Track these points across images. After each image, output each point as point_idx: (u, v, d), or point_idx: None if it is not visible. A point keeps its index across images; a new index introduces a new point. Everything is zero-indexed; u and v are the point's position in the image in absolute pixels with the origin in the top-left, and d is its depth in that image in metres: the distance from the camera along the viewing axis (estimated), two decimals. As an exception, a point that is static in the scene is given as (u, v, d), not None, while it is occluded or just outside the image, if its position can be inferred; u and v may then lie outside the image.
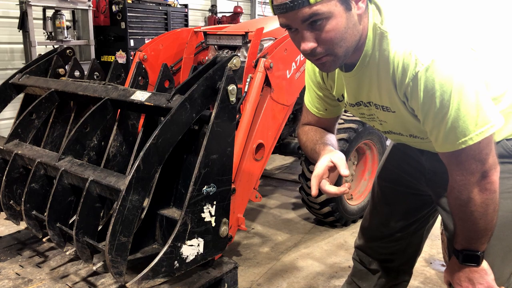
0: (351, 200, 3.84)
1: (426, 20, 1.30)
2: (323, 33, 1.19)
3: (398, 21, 1.28)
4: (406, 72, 1.21)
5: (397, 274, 1.84)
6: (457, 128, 1.19)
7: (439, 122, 1.21)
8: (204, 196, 1.46)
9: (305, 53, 1.24)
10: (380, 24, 1.26)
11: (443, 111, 1.19)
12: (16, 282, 1.62)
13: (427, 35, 1.23)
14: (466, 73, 1.17)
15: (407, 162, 1.70)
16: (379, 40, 1.27)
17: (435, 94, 1.17)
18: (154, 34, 6.28)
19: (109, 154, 1.79)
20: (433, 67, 1.16)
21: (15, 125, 1.89)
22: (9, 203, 1.79)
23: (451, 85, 1.16)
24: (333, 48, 1.22)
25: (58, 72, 2.15)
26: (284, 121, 2.96)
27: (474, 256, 1.34)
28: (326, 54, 1.23)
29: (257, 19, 8.61)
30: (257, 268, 3.12)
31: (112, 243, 1.31)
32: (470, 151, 1.22)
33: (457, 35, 1.25)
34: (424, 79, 1.17)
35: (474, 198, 1.26)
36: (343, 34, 1.20)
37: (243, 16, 10.14)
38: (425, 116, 1.24)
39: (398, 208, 1.75)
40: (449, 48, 1.19)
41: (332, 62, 1.26)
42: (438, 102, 1.18)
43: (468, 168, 1.24)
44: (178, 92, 1.53)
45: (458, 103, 1.17)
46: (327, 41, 1.20)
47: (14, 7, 5.41)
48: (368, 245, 1.85)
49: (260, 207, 4.21)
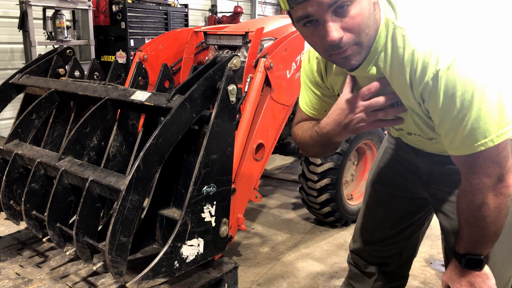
0: (351, 200, 3.84)
1: (444, 17, 1.24)
2: (349, 19, 1.10)
3: (415, 17, 1.22)
4: (425, 70, 1.14)
5: (393, 277, 1.83)
6: (477, 129, 1.14)
7: (458, 124, 1.15)
8: (204, 196, 1.46)
9: (333, 44, 1.12)
10: (394, 20, 1.20)
11: (463, 112, 1.13)
12: (16, 282, 1.62)
13: (448, 32, 1.17)
14: (488, 72, 1.12)
15: (401, 165, 1.68)
16: (392, 36, 1.20)
17: (456, 94, 1.11)
18: (154, 34, 6.28)
19: (109, 154, 1.79)
20: (455, 66, 1.10)
21: (15, 125, 1.89)
22: (9, 203, 1.79)
23: (474, 85, 1.10)
24: (360, 35, 1.13)
25: (58, 72, 2.15)
26: (284, 121, 2.96)
27: (477, 260, 1.32)
28: (352, 45, 1.14)
29: (257, 19, 8.60)
30: (257, 268, 3.12)
31: (112, 243, 1.31)
32: (489, 154, 1.17)
33: (477, 32, 1.21)
34: (445, 78, 1.11)
35: (488, 202, 1.22)
36: (367, 20, 1.13)
37: (243, 16, 10.14)
38: (442, 118, 1.18)
39: (393, 212, 1.73)
40: (471, 46, 1.14)
41: (357, 53, 1.17)
42: (458, 102, 1.12)
43: (485, 171, 1.20)
44: (178, 92, 1.53)
45: (480, 103, 1.11)
46: (354, 27, 1.11)
47: (14, 7, 5.41)
48: (363, 248, 1.82)
49: (260, 207, 4.21)
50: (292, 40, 2.96)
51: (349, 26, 1.11)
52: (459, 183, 1.34)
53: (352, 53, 1.17)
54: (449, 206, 1.52)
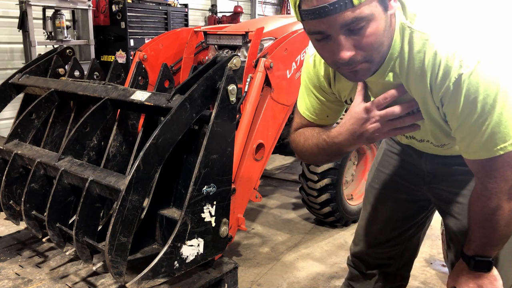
0: (351, 200, 3.83)
1: (464, 20, 1.22)
2: (363, 38, 1.07)
3: (434, 20, 1.18)
4: (447, 74, 1.12)
5: (394, 278, 1.82)
6: (497, 133, 1.13)
7: (478, 128, 1.14)
8: (204, 196, 1.46)
9: (342, 62, 1.10)
10: (410, 24, 1.17)
11: (484, 116, 1.12)
12: (16, 282, 1.62)
13: (470, 35, 1.15)
14: (509, 75, 1.11)
15: (403, 167, 1.67)
16: (409, 41, 1.17)
17: (478, 98, 1.10)
18: (154, 34, 6.27)
19: (109, 154, 1.79)
20: (478, 70, 1.09)
21: (15, 125, 1.88)
22: (9, 203, 1.79)
23: (497, 88, 1.09)
24: (372, 54, 1.11)
25: (58, 72, 2.15)
26: (284, 121, 2.96)
27: (486, 262, 1.31)
28: (362, 62, 1.12)
29: (257, 19, 8.60)
30: (257, 268, 3.12)
31: (112, 243, 1.31)
32: (508, 158, 1.16)
33: (498, 35, 1.20)
34: (468, 82, 1.10)
35: (503, 206, 1.22)
36: (382, 38, 1.10)
37: (243, 16, 10.14)
38: (461, 122, 1.17)
39: (395, 214, 1.72)
40: (493, 49, 1.13)
41: (366, 70, 1.16)
42: (479, 106, 1.11)
43: (502, 175, 1.19)
44: (178, 92, 1.53)
45: (502, 107, 1.10)
46: (367, 46, 1.09)
47: (14, 7, 5.41)
48: (365, 251, 1.81)
49: (260, 207, 4.21)
50: (292, 40, 2.96)
51: (362, 45, 1.09)
52: (465, 183, 1.34)
53: (362, 69, 1.15)
54: (455, 207, 1.51)
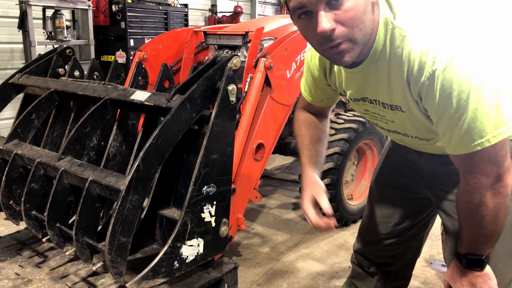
0: (351, 200, 3.83)
1: (442, 17, 1.25)
2: (343, 12, 1.11)
3: (413, 17, 1.23)
4: (422, 70, 1.16)
5: (396, 277, 1.83)
6: (473, 129, 1.14)
7: (455, 123, 1.16)
8: (204, 196, 1.46)
9: (324, 35, 1.13)
10: (393, 20, 1.21)
11: (460, 112, 1.14)
12: (16, 282, 1.62)
13: (445, 32, 1.18)
14: (485, 71, 1.13)
15: (405, 165, 1.68)
16: (391, 36, 1.21)
17: (452, 94, 1.12)
18: (154, 34, 6.28)
19: (109, 154, 1.79)
20: (452, 66, 1.11)
21: (15, 125, 1.88)
22: (9, 203, 1.79)
23: (470, 84, 1.11)
24: (353, 31, 1.14)
25: (58, 72, 2.14)
26: (284, 121, 2.96)
27: (478, 260, 1.32)
28: (345, 40, 1.15)
29: (257, 19, 8.60)
30: (257, 268, 3.12)
31: (112, 243, 1.31)
32: (486, 153, 1.17)
33: (474, 32, 1.21)
34: (442, 78, 1.12)
35: (486, 202, 1.22)
36: (362, 16, 1.13)
37: (243, 16, 10.14)
38: (439, 117, 1.20)
39: (397, 213, 1.73)
40: (468, 46, 1.15)
41: (350, 49, 1.18)
42: (455, 102, 1.13)
43: (482, 170, 1.20)
44: (178, 92, 1.53)
45: (476, 103, 1.12)
46: (347, 20, 1.12)
47: (14, 7, 5.41)
48: (367, 249, 1.83)
49: (260, 207, 4.21)
50: (292, 40, 2.96)
51: (342, 19, 1.12)
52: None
53: (345, 49, 1.17)
54: (451, 206, 1.51)
